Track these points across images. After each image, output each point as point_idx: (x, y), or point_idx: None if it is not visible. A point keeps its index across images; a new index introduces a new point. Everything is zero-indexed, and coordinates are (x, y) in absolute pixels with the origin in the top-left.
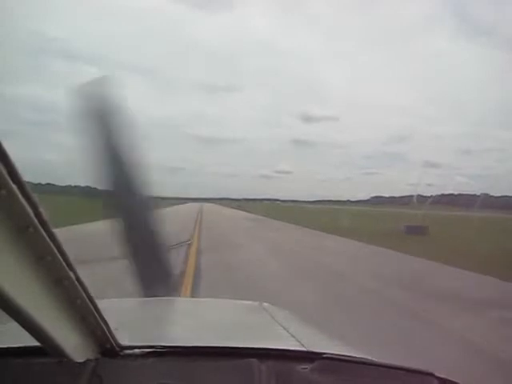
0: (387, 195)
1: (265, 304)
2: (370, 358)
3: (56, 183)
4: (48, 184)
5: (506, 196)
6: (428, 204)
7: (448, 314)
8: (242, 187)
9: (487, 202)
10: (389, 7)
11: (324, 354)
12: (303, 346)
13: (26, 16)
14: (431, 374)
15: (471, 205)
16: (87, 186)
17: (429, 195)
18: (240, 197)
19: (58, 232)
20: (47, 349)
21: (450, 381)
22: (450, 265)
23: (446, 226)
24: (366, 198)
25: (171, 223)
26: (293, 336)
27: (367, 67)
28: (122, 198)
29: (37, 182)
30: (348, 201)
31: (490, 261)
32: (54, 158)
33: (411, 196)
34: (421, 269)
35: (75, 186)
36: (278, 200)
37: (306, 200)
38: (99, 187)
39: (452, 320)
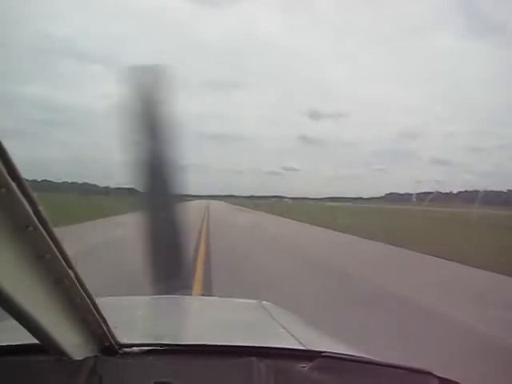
0: (402, 192)
1: (264, 303)
2: (369, 356)
3: (55, 180)
4: (44, 181)
5: None
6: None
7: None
8: (249, 184)
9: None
10: (397, 4)
11: (323, 352)
12: (302, 344)
13: (31, 15)
14: (430, 373)
15: (492, 202)
16: (84, 183)
17: (448, 192)
18: (247, 194)
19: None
20: (46, 347)
21: (448, 380)
22: None
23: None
24: (379, 195)
25: None
26: (292, 335)
27: (376, 65)
28: (153, 193)
29: (39, 179)
30: (360, 198)
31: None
32: (58, 156)
33: (430, 193)
34: None
35: (72, 183)
36: (285, 197)
37: (315, 197)
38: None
39: None
